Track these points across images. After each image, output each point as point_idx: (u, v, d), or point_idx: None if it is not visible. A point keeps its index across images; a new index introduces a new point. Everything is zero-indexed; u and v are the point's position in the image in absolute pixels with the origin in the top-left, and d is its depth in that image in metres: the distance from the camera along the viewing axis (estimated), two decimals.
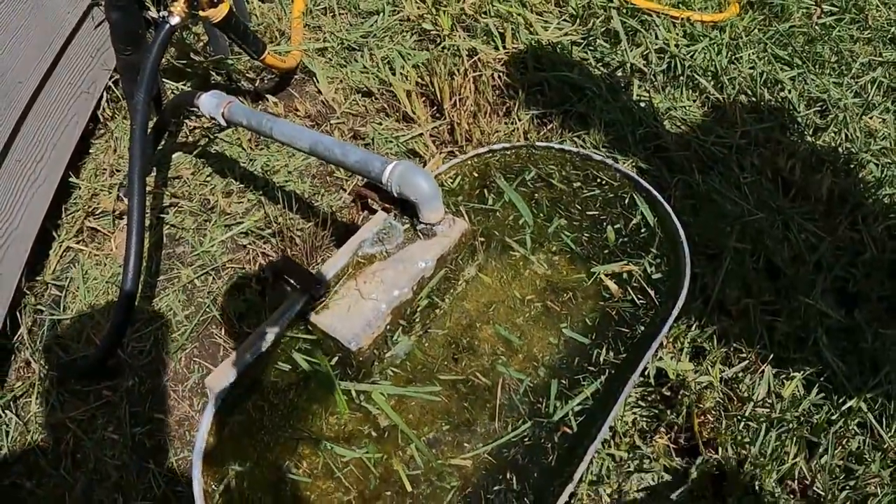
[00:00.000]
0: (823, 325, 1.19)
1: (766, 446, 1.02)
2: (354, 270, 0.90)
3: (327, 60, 1.54)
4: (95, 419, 1.13)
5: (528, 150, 1.07)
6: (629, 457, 1.02)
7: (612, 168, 1.04)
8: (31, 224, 1.28)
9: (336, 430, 0.83)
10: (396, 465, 0.80)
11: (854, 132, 1.51)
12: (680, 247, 0.94)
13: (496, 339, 0.89)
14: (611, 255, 0.98)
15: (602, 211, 1.01)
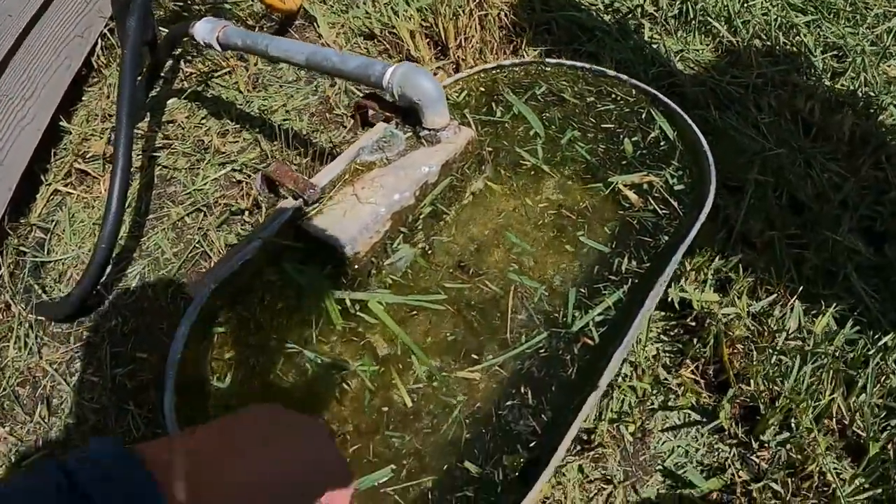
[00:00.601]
0: (853, 261, 1.07)
1: (800, 382, 0.89)
2: (352, 177, 0.79)
3: (329, 7, 1.44)
4: (74, 361, 1.02)
5: (539, 66, 0.96)
6: (653, 392, 0.90)
7: (628, 83, 0.93)
8: (17, 161, 1.18)
9: (328, 345, 0.72)
10: (395, 378, 0.68)
11: (873, 77, 1.40)
12: (703, 154, 0.83)
13: (507, 248, 0.78)
14: (629, 167, 0.86)
15: (618, 125, 0.90)
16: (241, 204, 1.09)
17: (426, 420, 0.67)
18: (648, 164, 0.87)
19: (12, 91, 1.18)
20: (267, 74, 1.33)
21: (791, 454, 0.86)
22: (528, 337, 0.71)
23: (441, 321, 0.74)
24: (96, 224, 1.18)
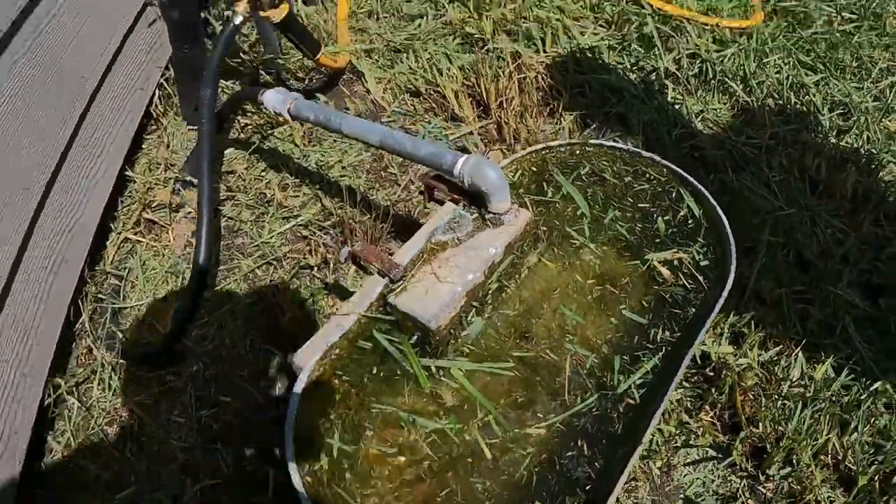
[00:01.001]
0: (851, 314, 1.31)
1: (801, 423, 1.13)
2: (429, 256, 1.01)
3: (374, 61, 1.65)
4: (159, 404, 1.23)
5: (582, 147, 1.18)
6: (677, 432, 1.13)
7: (660, 164, 1.16)
8: (92, 215, 1.38)
9: (416, 404, 0.93)
10: (475, 434, 0.90)
11: (875, 134, 1.64)
12: (725, 236, 1.05)
13: (561, 319, 1.00)
14: (661, 244, 1.09)
15: (652, 204, 1.12)
16: (309, 260, 1.30)
17: (503, 468, 0.89)
18: (678, 241, 1.09)
19: (86, 150, 1.38)
20: (321, 131, 1.54)
21: (792, 486, 1.10)
22: (582, 398, 0.93)
23: (511, 384, 0.96)
24: (168, 272, 1.39)
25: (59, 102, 1.28)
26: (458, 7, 1.73)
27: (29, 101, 1.18)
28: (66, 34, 1.32)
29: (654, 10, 1.71)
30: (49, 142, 1.24)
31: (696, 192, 1.13)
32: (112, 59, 1.45)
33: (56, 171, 1.27)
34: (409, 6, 1.79)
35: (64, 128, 1.29)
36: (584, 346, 0.97)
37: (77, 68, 1.35)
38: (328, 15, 1.74)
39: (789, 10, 1.86)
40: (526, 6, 1.68)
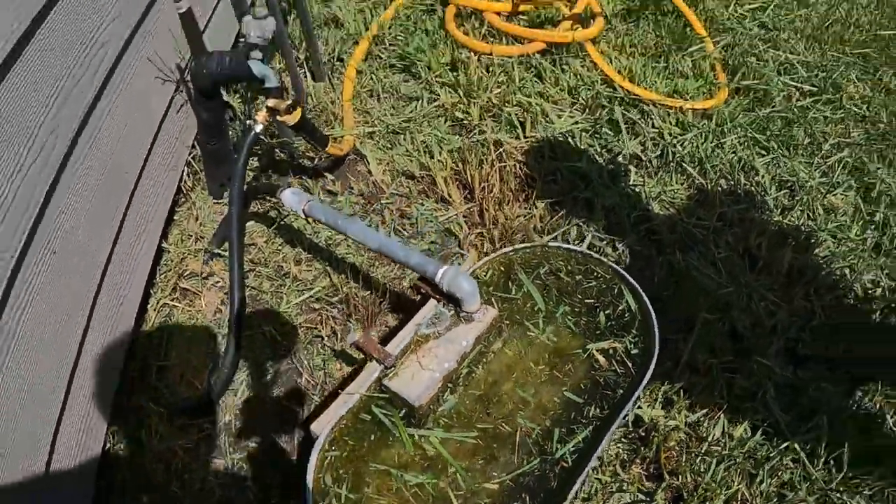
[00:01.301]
0: (773, 381, 1.69)
1: (716, 475, 1.52)
2: (415, 347, 1.40)
3: (375, 143, 2.03)
4: (199, 447, 1.63)
5: (543, 248, 1.56)
6: (612, 480, 1.52)
7: (606, 265, 1.54)
8: (137, 287, 1.78)
9: (403, 462, 1.33)
10: (446, 487, 1.30)
11: (817, 210, 2.00)
12: (651, 330, 1.44)
13: (516, 396, 1.39)
14: (601, 335, 1.47)
15: (596, 299, 1.51)
16: (321, 330, 1.69)
17: None
18: (615, 332, 1.47)
19: (132, 232, 1.78)
20: None
21: None
22: (527, 461, 1.32)
23: (475, 448, 1.35)
24: (202, 334, 1.79)
25: (111, 195, 1.67)
26: (449, 92, 2.11)
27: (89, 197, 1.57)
28: (117, 130, 1.71)
29: (626, 93, 2.07)
30: (105, 231, 1.64)
31: (633, 290, 1.51)
32: (149, 148, 1.85)
33: (111, 254, 1.67)
34: (407, 87, 2.16)
35: (115, 216, 1.69)
36: (531, 420, 1.36)
37: (122, 162, 1.74)
38: (335, 94, 2.12)
39: (751, 88, 2.21)
40: (510, 91, 2.05)
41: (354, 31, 2.37)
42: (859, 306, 1.86)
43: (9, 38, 1.23)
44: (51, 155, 1.38)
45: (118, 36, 1.65)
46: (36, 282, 1.31)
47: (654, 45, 2.32)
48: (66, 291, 1.42)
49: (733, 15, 2.58)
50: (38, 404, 1.32)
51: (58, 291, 1.39)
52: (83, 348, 1.50)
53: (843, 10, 2.76)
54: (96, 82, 1.56)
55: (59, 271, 1.39)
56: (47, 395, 1.36)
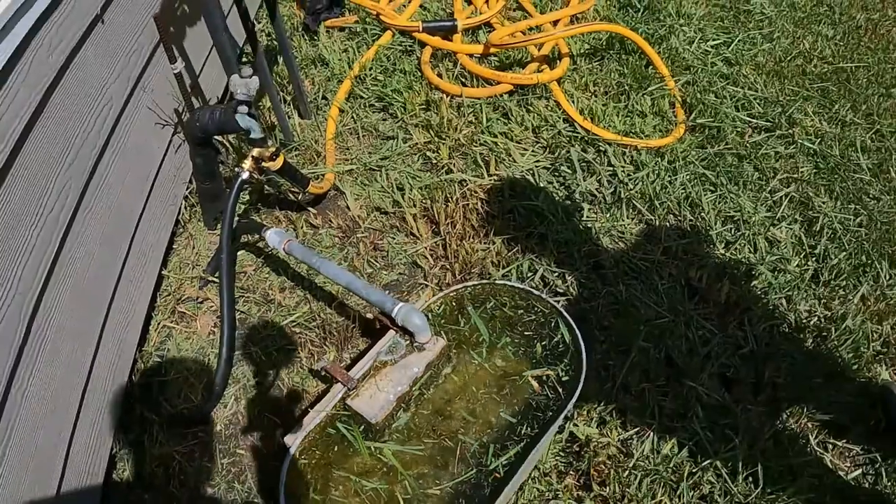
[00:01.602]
0: (702, 402, 2.04)
1: (641, 488, 1.88)
2: (374, 372, 1.78)
3: (354, 179, 2.40)
4: (194, 452, 2.02)
5: (491, 286, 1.93)
6: (547, 489, 1.89)
7: (546, 301, 1.90)
8: (140, 311, 2.17)
9: (362, 470, 1.71)
10: (397, 492, 1.68)
11: (759, 244, 2.34)
12: (580, 361, 1.80)
13: (459, 415, 1.77)
14: (537, 363, 1.84)
15: (535, 332, 1.87)
16: (300, 352, 2.07)
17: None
18: (549, 361, 1.83)
19: (136, 263, 2.16)
20: (310, 239, 2.31)
21: None
22: (466, 472, 1.69)
23: (423, 460, 1.72)
24: (197, 353, 2.17)
25: (116, 234, 2.06)
26: (422, 131, 2.47)
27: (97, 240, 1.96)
28: (121, 176, 2.10)
29: (585, 132, 2.42)
30: (112, 266, 2.03)
31: (567, 324, 1.87)
32: (151, 187, 2.23)
33: (116, 285, 2.06)
34: (385, 125, 2.52)
35: (120, 252, 2.08)
36: (471, 436, 1.73)
37: (127, 202, 2.13)
38: (319, 133, 2.49)
39: (705, 125, 2.55)
40: (478, 131, 2.40)
41: (339, 71, 2.73)
42: (793, 335, 2.20)
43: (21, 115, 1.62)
44: (65, 204, 1.77)
45: (120, 93, 2.03)
46: (54, 313, 1.71)
47: (616, 85, 2.66)
48: (79, 322, 1.82)
49: (697, 51, 2.91)
50: (56, 415, 1.72)
51: (72, 324, 1.77)
52: (94, 366, 1.90)
53: (807, 43, 3.08)
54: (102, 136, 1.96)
55: (73, 305, 1.78)
56: (64, 409, 1.76)
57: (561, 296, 2.17)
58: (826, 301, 2.25)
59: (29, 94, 1.61)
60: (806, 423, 2.03)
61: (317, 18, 2.98)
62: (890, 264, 2.35)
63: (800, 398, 2.05)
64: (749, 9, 3.27)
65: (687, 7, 3.15)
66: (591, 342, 2.09)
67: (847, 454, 1.99)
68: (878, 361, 2.15)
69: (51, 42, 1.71)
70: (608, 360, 2.05)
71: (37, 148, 1.65)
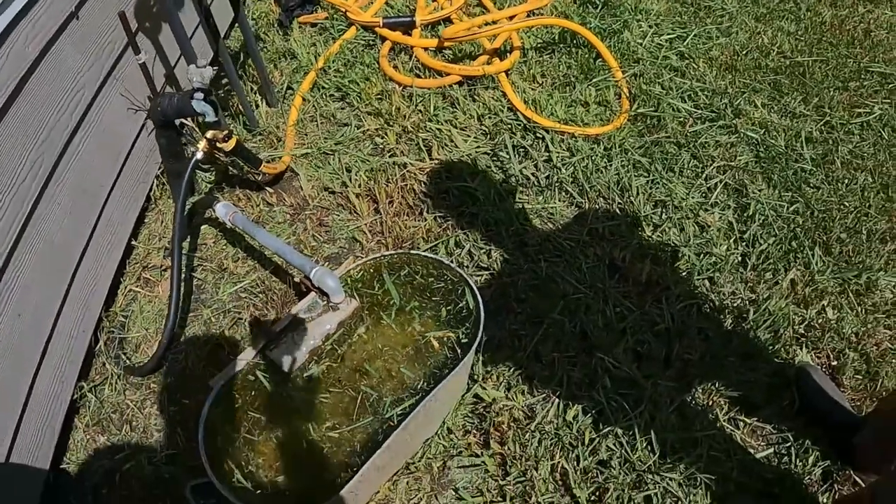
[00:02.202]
0: (610, 374, 2.18)
1: (539, 448, 2.04)
2: (293, 327, 1.99)
3: (309, 162, 2.63)
4: (146, 401, 2.27)
5: (407, 255, 2.12)
6: (452, 445, 2.07)
7: (454, 270, 2.08)
8: (108, 275, 2.44)
9: (273, 413, 1.93)
10: (300, 433, 1.89)
11: (687, 227, 2.46)
12: (478, 325, 1.97)
13: (365, 370, 1.96)
14: (441, 325, 2.02)
15: (442, 297, 2.05)
16: (242, 314, 2.31)
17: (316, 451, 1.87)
18: (452, 325, 2.01)
19: (106, 231, 2.43)
20: (265, 215, 2.55)
21: (526, 489, 2.01)
22: (363, 418, 1.89)
23: (330, 406, 1.93)
24: (157, 314, 2.43)
25: (86, 204, 2.33)
26: (374, 119, 2.68)
27: (67, 207, 2.23)
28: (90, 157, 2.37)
29: (526, 120, 2.58)
30: (81, 226, 2.30)
31: (472, 291, 2.05)
32: (122, 165, 2.50)
33: (85, 249, 2.33)
34: (342, 114, 2.75)
35: (90, 220, 2.35)
36: (372, 389, 1.93)
37: (98, 177, 2.40)
38: (282, 120, 2.73)
39: (646, 115, 2.68)
40: (425, 118, 2.60)
41: (306, 63, 2.97)
42: (712, 315, 2.32)
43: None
44: (37, 175, 2.03)
45: (93, 81, 2.31)
46: (23, 268, 1.97)
47: (563, 76, 2.82)
48: (47, 280, 2.08)
49: (649, 45, 3.04)
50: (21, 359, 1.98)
51: (39, 276, 2.04)
52: (59, 320, 2.17)
53: (766, 38, 3.17)
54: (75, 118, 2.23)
55: (41, 262, 2.05)
56: (29, 355, 2.02)
57: (484, 270, 2.34)
58: (752, 285, 2.36)
59: (6, 80, 1.88)
60: (716, 400, 2.13)
61: (290, 15, 3.24)
62: (824, 252, 2.44)
63: (711, 375, 2.16)
64: (710, 5, 3.38)
65: (646, 3, 3.28)
66: (506, 313, 2.26)
67: (760, 433, 2.09)
68: (799, 344, 2.24)
69: (27, 35, 1.98)
70: (521, 331, 2.22)
71: (12, 125, 1.91)
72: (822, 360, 2.24)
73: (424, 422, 2.00)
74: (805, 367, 2.15)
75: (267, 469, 1.83)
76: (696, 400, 2.14)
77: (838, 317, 2.28)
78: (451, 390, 2.06)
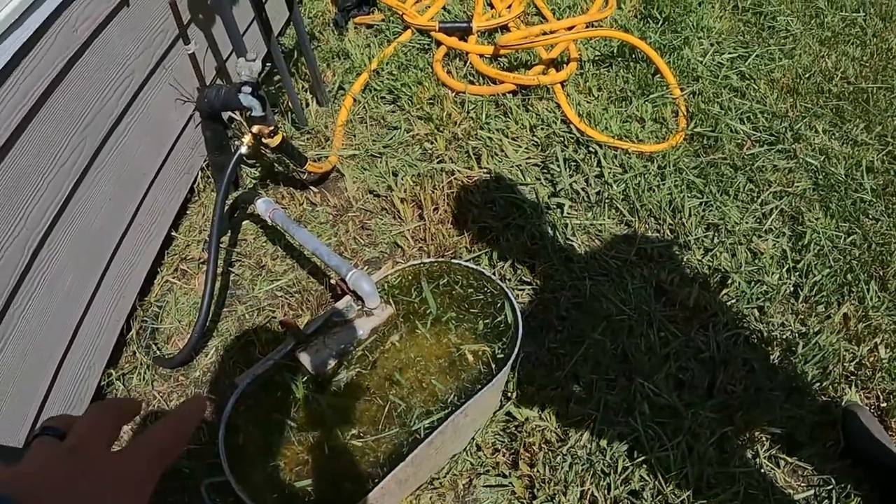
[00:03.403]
0: (650, 401, 2.06)
1: (570, 474, 1.93)
2: (325, 330, 1.92)
3: (356, 164, 2.57)
4: (173, 393, 2.22)
5: (447, 264, 2.04)
6: (480, 463, 1.97)
7: (496, 283, 1.99)
8: (145, 264, 2.40)
9: (298, 415, 1.86)
10: (323, 438, 1.81)
11: (739, 253, 2.33)
12: (515, 342, 1.88)
13: (394, 378, 1.88)
14: (478, 339, 1.93)
15: (480, 310, 1.96)
16: (276, 313, 2.25)
17: (340, 459, 1.79)
18: (489, 339, 1.92)
19: (145, 221, 2.40)
20: (308, 214, 2.49)
21: None
22: (389, 429, 1.81)
23: (353, 414, 1.85)
24: (191, 307, 2.39)
25: (128, 191, 2.30)
26: (423, 124, 2.61)
27: (108, 193, 2.20)
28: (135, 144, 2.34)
29: (580, 133, 2.49)
30: (121, 213, 2.26)
31: (512, 306, 1.96)
32: (167, 155, 2.47)
33: (123, 235, 2.30)
34: (392, 116, 2.68)
35: (130, 207, 2.32)
36: (401, 399, 1.85)
37: (141, 166, 2.37)
38: (331, 119, 2.68)
39: (704, 134, 2.56)
40: (476, 126, 2.52)
41: (359, 64, 2.92)
42: (759, 346, 2.19)
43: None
44: (78, 159, 2.00)
45: (142, 69, 2.27)
46: (59, 249, 1.94)
47: (619, 90, 2.71)
48: (83, 263, 2.05)
49: (710, 63, 2.91)
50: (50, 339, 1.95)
51: (75, 258, 2.01)
52: (91, 304, 2.13)
53: (830, 61, 3.02)
54: (121, 104, 2.20)
55: (78, 245, 2.02)
56: (58, 336, 1.99)
57: (526, 284, 2.25)
58: (803, 317, 2.23)
59: (53, 61, 1.86)
60: (758, 435, 2.01)
61: (346, 15, 3.20)
62: (880, 287, 2.29)
63: (754, 409, 2.04)
64: (774, 25, 3.24)
65: (708, 20, 3.15)
66: (547, 330, 2.16)
67: (801, 473, 1.97)
68: (848, 382, 2.11)
69: (77, 17, 1.95)
70: (560, 350, 2.11)
71: (56, 108, 1.89)
72: (871, 401, 2.10)
73: (452, 437, 1.91)
74: (853, 408, 2.02)
75: (287, 472, 1.76)
76: (736, 434, 2.01)
77: (891, 356, 2.14)
78: (482, 407, 1.96)
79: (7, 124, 1.71)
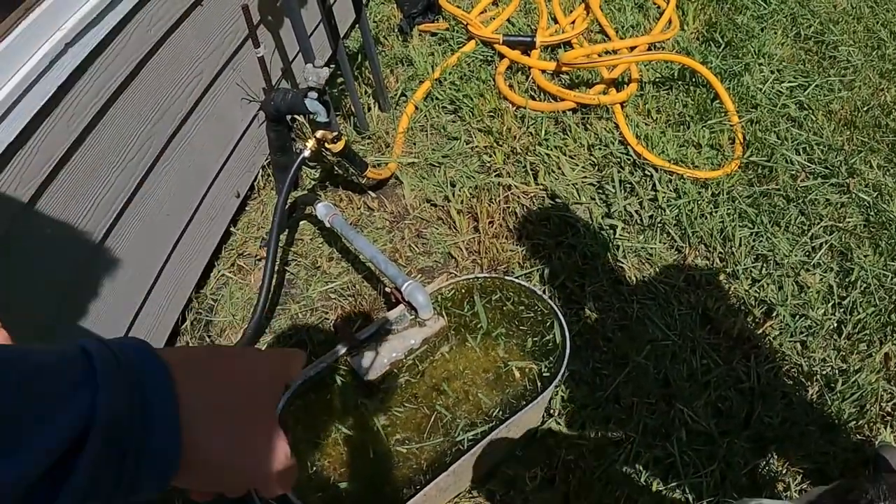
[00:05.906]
0: (687, 427, 2.09)
1: (604, 492, 1.97)
2: (378, 337, 1.98)
3: (414, 172, 2.62)
4: None
5: (501, 280, 2.08)
6: (517, 476, 2.02)
7: (547, 302, 2.03)
8: (202, 258, 2.48)
9: (346, 418, 1.92)
10: (367, 442, 1.88)
11: (786, 286, 2.33)
12: (561, 363, 1.92)
13: (443, 389, 1.94)
14: (525, 356, 1.97)
15: (529, 327, 2.01)
16: (329, 315, 2.32)
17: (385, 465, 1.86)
18: (536, 356, 1.96)
19: (205, 216, 2.48)
20: (365, 219, 2.55)
21: None
22: (433, 438, 1.86)
23: (400, 421, 1.91)
24: (246, 302, 2.46)
25: (191, 187, 2.38)
26: (483, 136, 2.65)
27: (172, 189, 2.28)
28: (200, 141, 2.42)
29: (636, 156, 2.51)
30: (183, 207, 2.35)
31: (561, 326, 2.00)
32: (230, 153, 2.55)
33: (185, 229, 2.38)
34: (453, 126, 2.73)
35: (192, 202, 2.40)
36: (447, 409, 1.90)
37: (205, 162, 2.45)
38: (392, 126, 2.73)
39: (759, 163, 2.56)
40: (535, 142, 2.55)
41: (422, 72, 2.97)
42: (798, 380, 2.20)
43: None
44: (146, 155, 2.08)
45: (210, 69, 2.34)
46: (124, 240, 2.03)
47: (678, 114, 2.72)
48: (143, 255, 2.13)
49: (769, 91, 2.90)
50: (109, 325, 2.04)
51: (137, 249, 2.09)
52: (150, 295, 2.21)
53: (890, 95, 2.98)
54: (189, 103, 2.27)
55: (141, 237, 2.10)
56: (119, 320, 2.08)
57: (575, 303, 2.28)
58: (845, 354, 2.23)
59: (127, 60, 1.94)
60: (791, 469, 2.03)
61: (411, 22, 3.24)
62: None
63: (789, 442, 2.06)
64: (835, 55, 3.20)
65: (769, 47, 3.13)
66: (592, 350, 2.19)
67: None
68: (884, 423, 2.11)
69: (152, 17, 2.02)
70: (604, 370, 2.15)
71: (126, 105, 1.97)
72: None
73: (493, 449, 1.96)
74: (884, 450, 2.02)
75: (331, 472, 1.82)
76: (770, 466, 2.03)
77: None
78: (524, 423, 2.01)
79: (82, 117, 1.80)
